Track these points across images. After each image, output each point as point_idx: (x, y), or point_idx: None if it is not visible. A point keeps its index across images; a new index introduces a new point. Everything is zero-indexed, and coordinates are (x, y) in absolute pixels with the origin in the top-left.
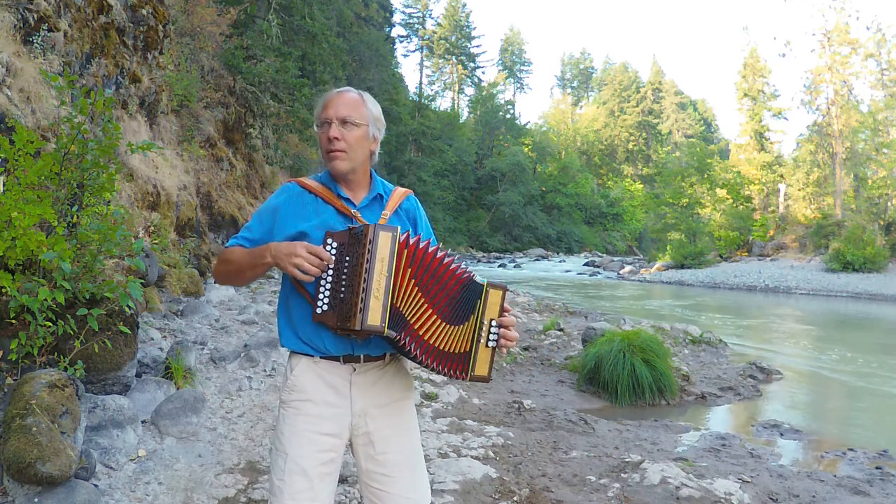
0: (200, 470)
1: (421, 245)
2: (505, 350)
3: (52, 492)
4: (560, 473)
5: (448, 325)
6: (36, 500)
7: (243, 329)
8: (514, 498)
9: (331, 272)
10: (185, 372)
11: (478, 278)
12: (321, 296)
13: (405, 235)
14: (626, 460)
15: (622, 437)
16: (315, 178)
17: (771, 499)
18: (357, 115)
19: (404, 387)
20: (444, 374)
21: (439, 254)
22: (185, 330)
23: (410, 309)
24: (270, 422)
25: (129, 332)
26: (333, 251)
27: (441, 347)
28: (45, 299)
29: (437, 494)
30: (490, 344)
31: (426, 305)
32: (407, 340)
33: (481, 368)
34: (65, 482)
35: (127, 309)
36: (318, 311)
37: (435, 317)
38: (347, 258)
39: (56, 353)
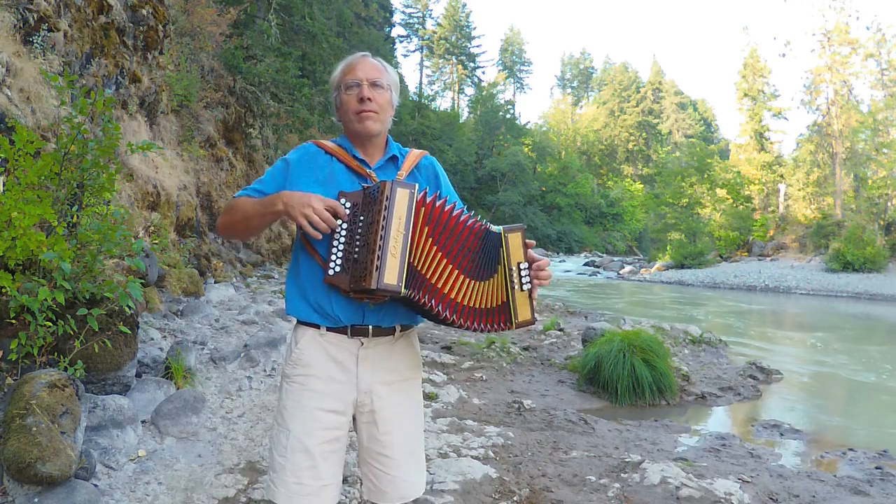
0: (200, 470)
1: (438, 203)
2: (537, 288)
3: (52, 492)
4: (560, 473)
5: (478, 283)
6: (36, 500)
7: (243, 329)
8: (514, 498)
9: (343, 232)
10: (185, 372)
11: (493, 227)
12: (333, 257)
13: (423, 193)
14: (626, 460)
15: (622, 437)
16: (332, 140)
17: (771, 499)
18: (383, 78)
19: (413, 365)
20: (488, 331)
21: (456, 211)
22: (185, 330)
23: (430, 268)
24: (270, 422)
25: (129, 332)
26: (347, 211)
27: (476, 306)
28: (45, 299)
29: (437, 494)
30: (525, 287)
31: (448, 264)
32: (433, 303)
33: (524, 314)
34: (65, 482)
35: (127, 309)
36: (330, 272)
37: (462, 276)
38: (362, 218)
39: (56, 353)
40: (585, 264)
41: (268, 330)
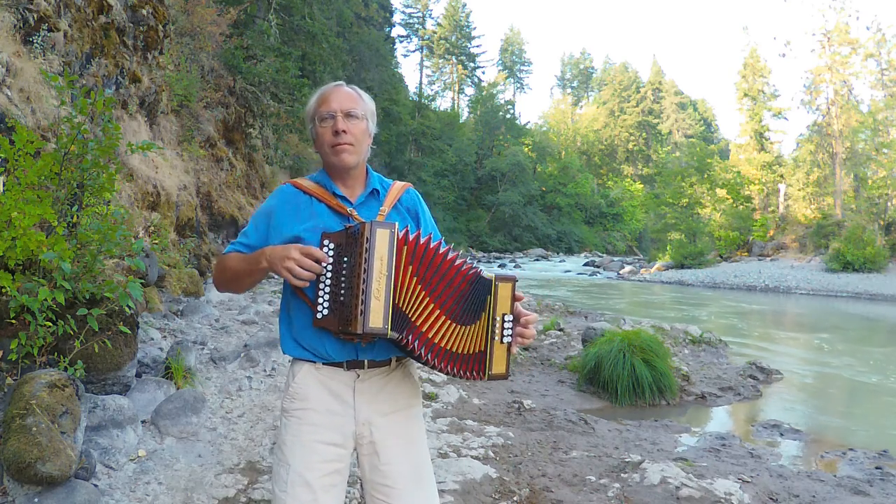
0: (200, 470)
1: (422, 241)
2: (517, 347)
3: (52, 492)
4: (560, 473)
5: (458, 326)
6: (36, 500)
7: (243, 329)
8: (514, 498)
9: (329, 275)
10: (185, 372)
11: (485, 273)
12: (321, 300)
13: (404, 231)
14: (626, 460)
15: (622, 437)
16: (310, 177)
17: (771, 499)
18: (359, 108)
19: (411, 394)
20: (460, 377)
21: (442, 249)
22: (185, 330)
23: (415, 309)
24: (270, 422)
25: (129, 332)
26: (331, 252)
27: (453, 349)
28: (45, 299)
29: None
30: (505, 340)
31: (432, 305)
32: (416, 344)
33: (499, 366)
34: (65, 482)
35: (127, 309)
36: (319, 315)
37: (443, 317)
38: (346, 259)
39: (56, 353)
40: (585, 264)
41: (268, 330)
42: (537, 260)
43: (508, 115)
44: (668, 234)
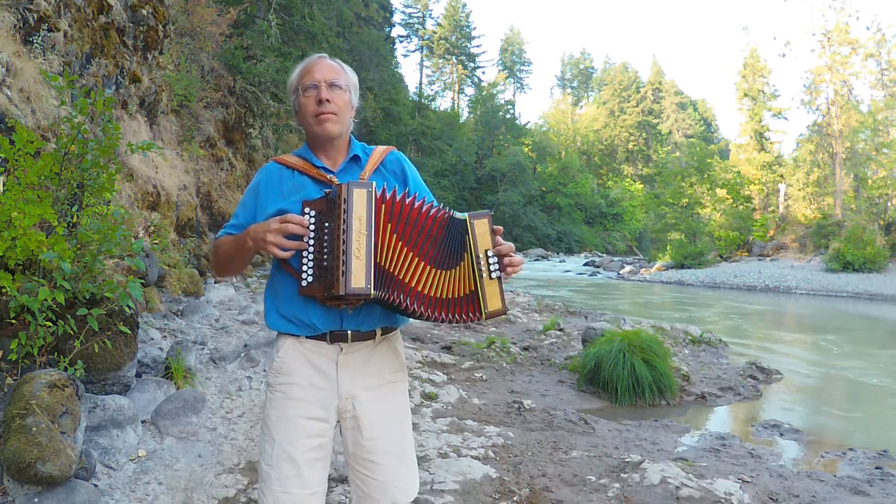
0: (200, 470)
1: (398, 197)
2: (512, 276)
3: (52, 492)
4: (560, 473)
5: (443, 272)
6: (36, 500)
7: (243, 329)
8: (514, 498)
9: (312, 242)
10: (185, 372)
11: (458, 214)
12: (305, 267)
13: (381, 190)
14: (626, 460)
15: (622, 437)
16: (294, 153)
17: (771, 499)
18: (342, 79)
19: (395, 368)
20: (457, 322)
21: (417, 202)
22: (185, 330)
23: (399, 265)
24: None
25: (129, 332)
26: (312, 220)
27: (443, 296)
28: (45, 299)
29: (437, 494)
30: (494, 275)
31: (416, 257)
32: (402, 298)
33: (493, 303)
34: (65, 482)
35: (127, 309)
36: (304, 283)
37: (426, 265)
38: (327, 224)
39: (56, 353)
40: (585, 264)
41: (268, 330)
42: (537, 260)
43: (508, 115)
44: (668, 234)
